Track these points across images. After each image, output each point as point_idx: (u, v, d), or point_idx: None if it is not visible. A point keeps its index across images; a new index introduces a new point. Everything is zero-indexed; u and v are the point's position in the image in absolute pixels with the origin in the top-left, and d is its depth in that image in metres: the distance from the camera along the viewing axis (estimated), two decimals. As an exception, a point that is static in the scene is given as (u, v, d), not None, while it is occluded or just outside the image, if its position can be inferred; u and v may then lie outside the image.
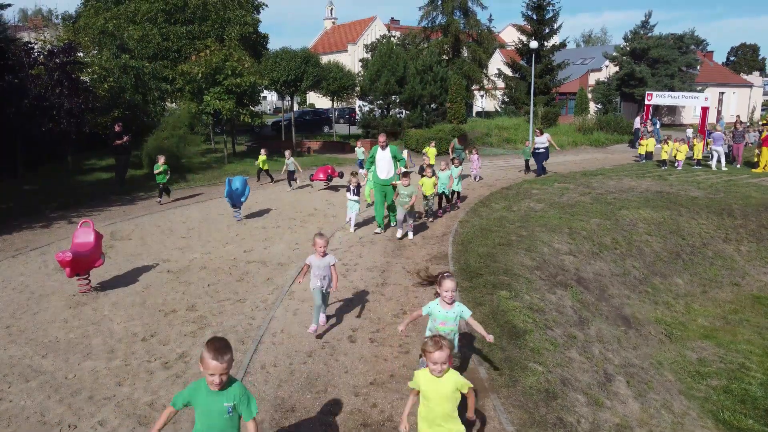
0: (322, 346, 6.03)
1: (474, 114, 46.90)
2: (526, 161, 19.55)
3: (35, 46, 15.97)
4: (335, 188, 15.92)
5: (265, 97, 64.09)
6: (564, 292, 8.67)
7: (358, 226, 11.45)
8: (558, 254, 10.22)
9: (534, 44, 28.77)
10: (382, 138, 10.65)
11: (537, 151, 18.30)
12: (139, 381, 5.33)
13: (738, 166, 21.09)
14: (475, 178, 17.70)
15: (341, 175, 16.18)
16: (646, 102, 28.54)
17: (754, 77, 54.74)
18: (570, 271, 9.74)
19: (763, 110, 52.52)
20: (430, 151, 18.47)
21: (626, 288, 10.33)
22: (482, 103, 48.42)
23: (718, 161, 20.62)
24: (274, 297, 7.48)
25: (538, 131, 18.23)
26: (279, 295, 7.51)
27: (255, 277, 8.33)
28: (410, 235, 10.55)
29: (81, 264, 7.23)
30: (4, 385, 5.25)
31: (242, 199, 11.88)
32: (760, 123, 30.52)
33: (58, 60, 14.69)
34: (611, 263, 11.01)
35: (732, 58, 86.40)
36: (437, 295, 4.87)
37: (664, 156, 21.29)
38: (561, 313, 7.72)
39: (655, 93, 29.21)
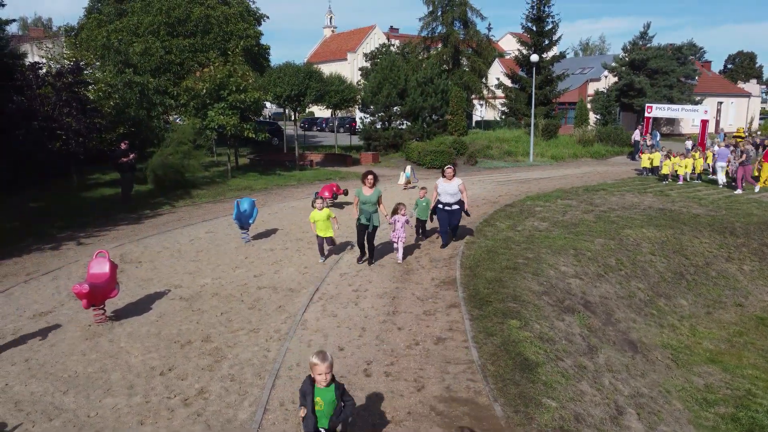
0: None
1: (473, 124, 47.15)
2: (420, 223, 11.97)
3: (42, 66, 16.07)
4: (340, 206, 16.02)
5: (264, 106, 64.51)
6: (572, 318, 8.77)
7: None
8: (564, 277, 10.33)
9: (534, 58, 28.96)
10: None
11: (446, 207, 11.05)
12: (160, 419, 5.41)
13: (738, 191, 19.04)
14: (399, 258, 10.52)
15: (346, 192, 16.30)
16: (646, 114, 28.80)
17: (752, 85, 55.16)
18: (577, 295, 9.85)
19: (761, 119, 52.83)
20: (318, 216, 10.27)
21: (632, 311, 10.44)
22: (482, 112, 48.69)
23: (724, 181, 20.21)
24: (287, 327, 7.57)
25: (449, 169, 11.08)
26: (292, 325, 7.60)
27: (267, 305, 8.42)
28: None
29: (97, 295, 7.32)
30: (28, 424, 5.33)
31: (250, 221, 11.97)
32: (732, 135, 30.45)
33: (65, 80, 14.79)
34: (616, 285, 11.12)
35: (729, 66, 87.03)
36: None
37: (666, 171, 21.47)
38: (570, 341, 7.82)
39: (655, 105, 29.48)
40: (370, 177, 10.02)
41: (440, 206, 11.21)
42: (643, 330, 9.87)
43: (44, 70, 15.73)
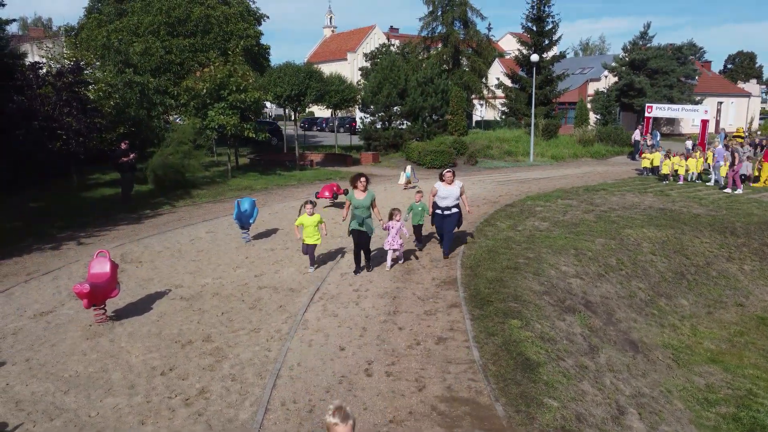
0: (340, 381, 6.11)
1: (473, 124, 47.14)
2: (417, 228, 11.19)
3: (42, 66, 16.07)
4: (341, 205, 16.00)
5: (265, 106, 64.48)
6: (573, 318, 8.77)
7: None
8: (565, 277, 10.32)
9: (535, 57, 28.95)
10: None
11: (444, 212, 10.51)
12: (161, 419, 5.40)
13: (738, 191, 19.04)
14: (396, 258, 10.30)
15: (346, 192, 16.24)
16: (647, 114, 28.76)
17: (752, 85, 55.13)
18: (577, 295, 9.84)
19: (761, 119, 52.81)
20: (307, 222, 9.64)
21: (633, 311, 10.43)
22: (482, 112, 48.69)
23: (716, 180, 20.23)
24: (288, 327, 7.56)
25: (448, 173, 10.48)
26: (293, 325, 7.59)
27: (268, 305, 8.41)
28: None
29: (98, 295, 7.31)
30: (29, 424, 5.32)
31: (251, 221, 11.97)
32: (732, 135, 30.46)
33: (66, 79, 14.79)
34: (617, 285, 11.12)
35: (729, 66, 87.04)
36: None
37: (666, 170, 21.47)
38: (571, 341, 7.82)
39: (655, 105, 29.45)
40: (362, 180, 9.47)
41: (438, 211, 10.60)
42: (644, 330, 9.86)
43: (44, 70, 15.71)
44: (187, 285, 9.31)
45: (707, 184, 20.82)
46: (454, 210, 10.58)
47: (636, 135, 29.04)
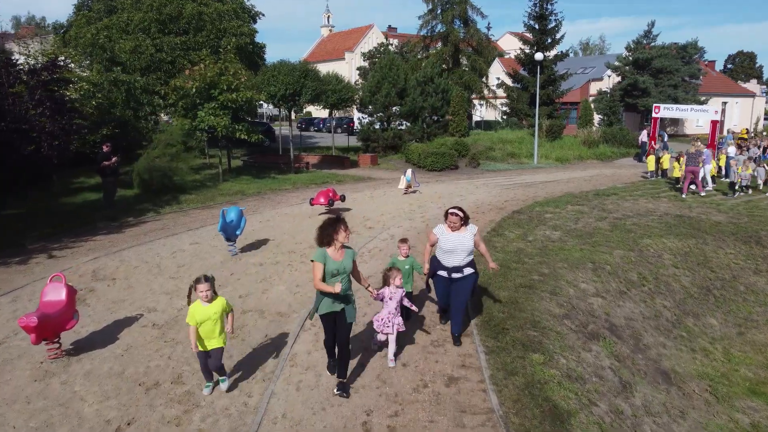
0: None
1: (473, 124, 46.12)
2: (406, 297, 6.68)
3: (17, 62, 14.99)
4: (336, 212, 14.96)
5: (260, 105, 63.21)
6: (598, 347, 7.73)
7: None
8: (585, 296, 9.30)
9: (539, 56, 27.95)
10: None
11: (451, 275, 6.81)
12: (109, 497, 4.36)
13: (702, 193, 18.17)
14: (391, 358, 6.44)
15: (343, 198, 15.22)
16: (654, 115, 27.76)
17: (752, 85, 54.16)
18: (600, 317, 8.81)
19: (766, 119, 51.87)
20: (204, 316, 5.51)
21: (660, 334, 9.40)
22: (482, 113, 47.67)
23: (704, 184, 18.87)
24: (274, 363, 6.51)
25: (454, 216, 6.59)
26: (279, 361, 6.54)
27: (252, 334, 7.36)
28: None
29: (49, 327, 6.24)
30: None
31: (237, 232, 10.89)
32: (737, 136, 29.50)
33: (40, 78, 13.70)
34: (641, 303, 10.09)
35: (729, 66, 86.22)
36: None
37: (676, 174, 20.46)
38: (601, 377, 6.78)
39: (662, 105, 28.44)
40: (345, 229, 5.68)
41: (442, 273, 6.85)
42: (674, 357, 8.83)
43: (18, 67, 14.61)
44: (161, 308, 8.24)
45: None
46: (468, 271, 6.77)
47: (643, 136, 28.03)
